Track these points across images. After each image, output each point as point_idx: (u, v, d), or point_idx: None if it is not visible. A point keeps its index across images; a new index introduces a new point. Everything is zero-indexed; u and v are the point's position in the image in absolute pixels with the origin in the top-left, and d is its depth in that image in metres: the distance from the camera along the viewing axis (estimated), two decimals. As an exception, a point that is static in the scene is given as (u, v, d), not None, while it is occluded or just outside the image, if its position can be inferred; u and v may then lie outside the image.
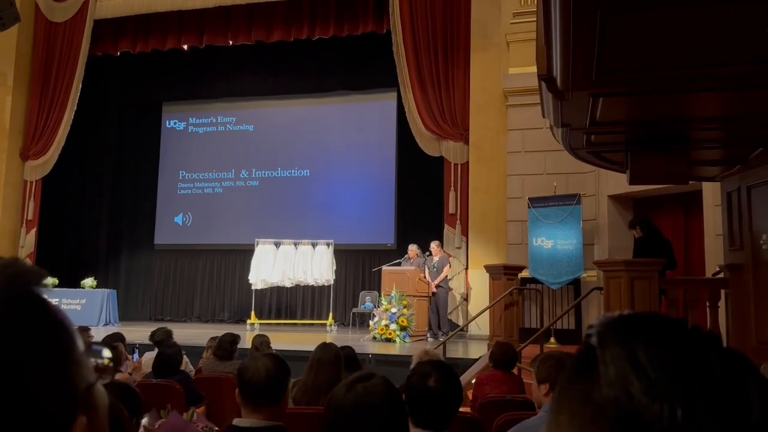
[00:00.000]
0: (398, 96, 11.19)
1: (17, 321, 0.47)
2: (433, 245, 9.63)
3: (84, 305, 10.98)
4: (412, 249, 9.67)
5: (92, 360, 0.52)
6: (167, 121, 13.75)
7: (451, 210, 10.14)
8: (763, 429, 0.41)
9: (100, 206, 13.65)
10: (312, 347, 3.20)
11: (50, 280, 0.52)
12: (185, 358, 5.14)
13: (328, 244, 11.06)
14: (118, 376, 4.00)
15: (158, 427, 2.43)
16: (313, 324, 11.69)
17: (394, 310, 8.58)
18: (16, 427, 0.45)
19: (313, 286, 11.34)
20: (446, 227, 10.21)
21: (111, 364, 0.54)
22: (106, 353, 0.55)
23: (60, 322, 0.50)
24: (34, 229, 12.01)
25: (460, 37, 10.29)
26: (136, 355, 6.51)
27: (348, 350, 4.06)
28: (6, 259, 0.52)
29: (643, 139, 3.78)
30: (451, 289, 9.71)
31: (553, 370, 2.57)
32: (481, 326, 8.66)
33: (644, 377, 0.42)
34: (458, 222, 10.07)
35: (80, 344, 0.51)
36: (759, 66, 2.64)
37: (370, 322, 9.12)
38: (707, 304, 5.07)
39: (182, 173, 13.45)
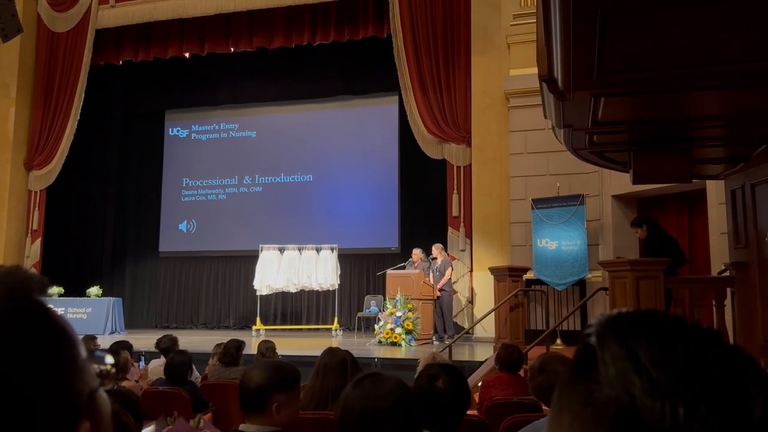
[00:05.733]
0: (400, 99, 11.18)
1: (19, 329, 0.48)
2: (435, 249, 9.61)
3: (90, 314, 10.99)
4: (416, 253, 9.64)
5: (95, 366, 0.52)
6: (170, 129, 13.80)
7: (455, 213, 10.12)
8: (766, 427, 0.41)
9: (105, 215, 13.69)
10: (317, 352, 3.20)
11: (54, 289, 0.52)
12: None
13: (332, 249, 11.06)
14: (125, 384, 4.00)
15: (165, 434, 2.44)
16: (318, 329, 11.68)
17: (399, 313, 8.56)
18: None
19: (317, 291, 11.34)
20: (450, 230, 10.19)
21: (113, 370, 0.54)
22: (109, 359, 0.55)
23: (62, 330, 0.51)
24: (39, 239, 12.04)
25: (461, 39, 10.30)
26: (142, 363, 6.51)
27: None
28: (8, 267, 0.52)
29: (646, 139, 3.77)
30: (456, 292, 9.69)
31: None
32: (487, 329, 8.64)
33: (645, 377, 0.42)
34: (462, 224, 10.05)
35: (83, 351, 0.51)
36: (760, 63, 2.63)
37: (376, 326, 9.11)
38: (713, 303, 5.05)
39: (186, 180, 13.49)
